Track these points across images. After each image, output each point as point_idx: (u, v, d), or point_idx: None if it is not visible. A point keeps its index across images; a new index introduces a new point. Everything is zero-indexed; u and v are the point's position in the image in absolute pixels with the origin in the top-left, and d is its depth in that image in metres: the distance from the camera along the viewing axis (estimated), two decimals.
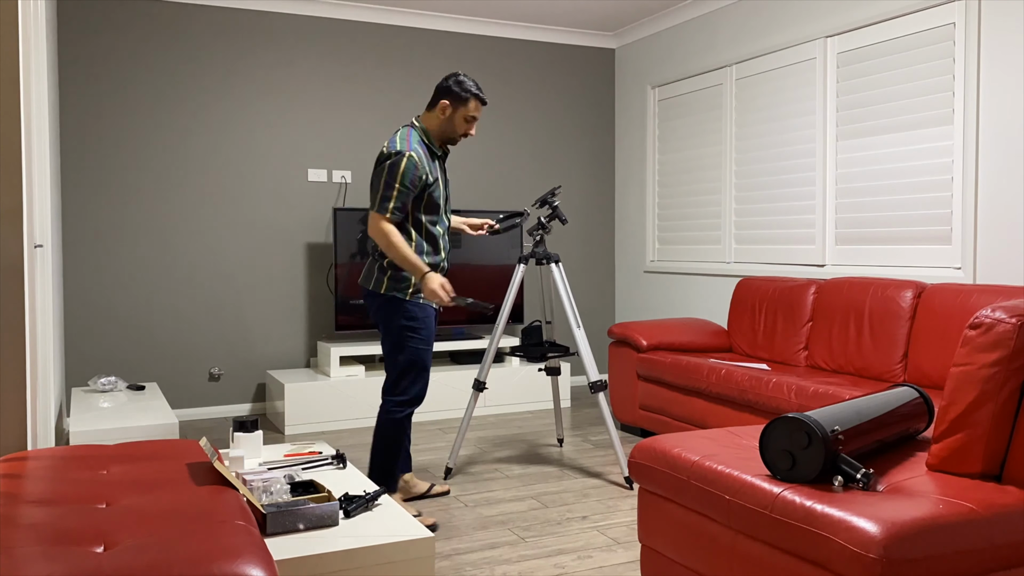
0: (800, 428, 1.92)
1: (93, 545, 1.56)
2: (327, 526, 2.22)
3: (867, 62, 4.16)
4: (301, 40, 5.26)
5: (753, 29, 4.88)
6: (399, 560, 2.15)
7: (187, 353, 5.04)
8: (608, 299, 6.28)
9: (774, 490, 1.89)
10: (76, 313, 4.79)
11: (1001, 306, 1.98)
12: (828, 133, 4.38)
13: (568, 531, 3.06)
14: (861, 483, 1.88)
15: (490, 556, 2.82)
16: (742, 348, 4.48)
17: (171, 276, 4.99)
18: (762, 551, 1.92)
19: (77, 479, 2.00)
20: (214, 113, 5.06)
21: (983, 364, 1.95)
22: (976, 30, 3.62)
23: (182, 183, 5.00)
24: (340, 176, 5.37)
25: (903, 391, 2.36)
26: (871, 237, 4.16)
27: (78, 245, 4.79)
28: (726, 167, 5.12)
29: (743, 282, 4.58)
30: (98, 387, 4.28)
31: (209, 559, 1.47)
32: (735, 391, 3.79)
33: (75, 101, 4.76)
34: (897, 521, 1.67)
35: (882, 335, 3.68)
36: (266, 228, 5.21)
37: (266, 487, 2.31)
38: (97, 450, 2.31)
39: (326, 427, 4.78)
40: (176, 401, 5.03)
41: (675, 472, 2.19)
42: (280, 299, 5.26)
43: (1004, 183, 3.53)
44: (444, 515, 3.25)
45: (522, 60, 5.90)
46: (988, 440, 1.95)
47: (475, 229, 3.56)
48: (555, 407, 4.24)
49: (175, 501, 1.82)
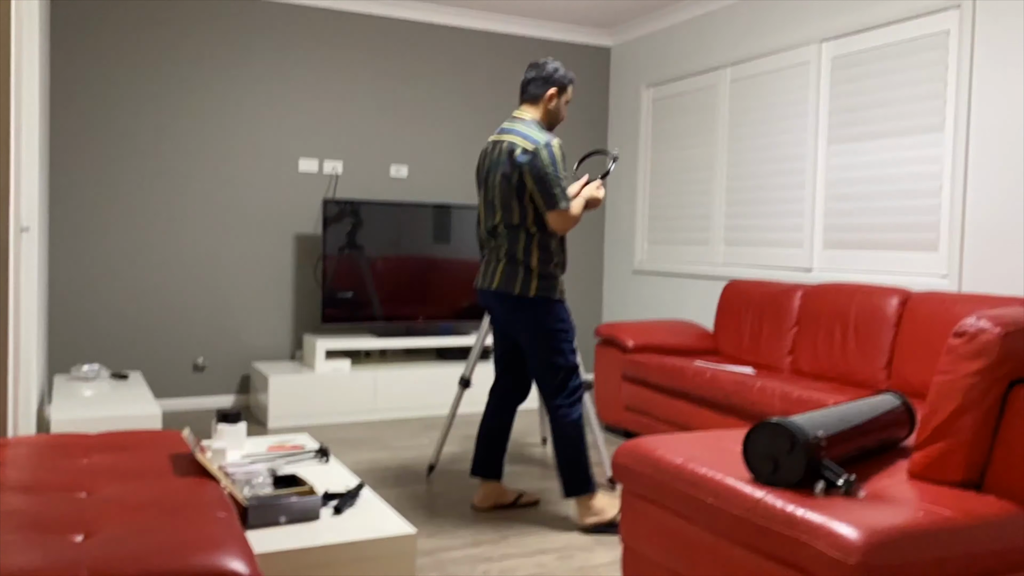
0: (783, 433, 1.92)
1: (72, 534, 1.54)
2: (309, 520, 2.21)
3: (861, 67, 4.18)
4: (296, 28, 5.23)
5: (749, 31, 4.89)
6: (380, 556, 2.15)
7: (172, 343, 5.01)
8: (596, 299, 6.29)
9: (756, 494, 1.90)
10: (60, 299, 4.76)
11: (985, 315, 1.99)
12: (820, 137, 4.40)
13: (550, 530, 3.07)
14: (843, 489, 1.89)
15: (472, 554, 2.82)
16: (728, 351, 4.50)
17: (157, 264, 4.96)
18: (743, 554, 1.93)
19: (58, 467, 1.99)
20: (205, 100, 5.03)
21: (966, 373, 1.96)
22: (970, 39, 3.64)
23: (171, 170, 4.97)
24: (331, 167, 5.35)
25: (886, 398, 2.37)
26: (859, 243, 4.18)
27: (64, 230, 4.75)
28: (718, 169, 5.13)
29: (731, 285, 4.59)
30: (81, 375, 4.25)
31: (189, 550, 1.46)
32: (720, 394, 3.80)
33: (65, 84, 4.72)
34: (877, 528, 1.68)
35: (867, 341, 3.69)
36: (255, 218, 5.18)
37: (248, 480, 2.30)
38: (78, 439, 2.29)
39: (310, 421, 4.76)
40: (159, 391, 5.00)
41: (658, 474, 2.20)
42: (267, 290, 5.23)
43: (993, 193, 3.55)
44: (427, 512, 3.25)
45: (517, 55, 5.89)
46: (969, 449, 1.97)
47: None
48: (540, 406, 4.24)
49: (156, 492, 1.81)
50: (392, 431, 4.61)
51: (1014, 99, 3.47)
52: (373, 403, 4.91)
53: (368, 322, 5.13)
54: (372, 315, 5.15)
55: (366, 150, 5.46)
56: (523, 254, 3.03)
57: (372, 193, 5.47)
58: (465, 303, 5.40)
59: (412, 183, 5.60)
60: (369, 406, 4.90)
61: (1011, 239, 3.48)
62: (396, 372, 4.96)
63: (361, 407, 4.88)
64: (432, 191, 5.66)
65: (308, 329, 5.35)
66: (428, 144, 5.64)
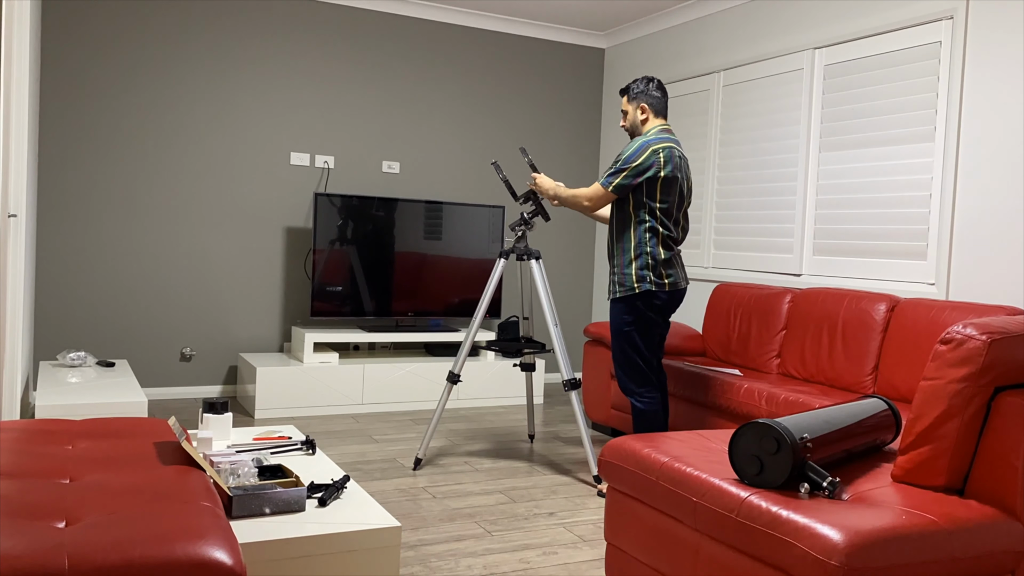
0: (769, 434, 1.93)
1: (55, 520, 1.54)
2: (294, 511, 2.21)
3: (853, 75, 4.20)
4: (289, 21, 5.21)
5: (742, 37, 4.91)
6: (364, 548, 2.15)
7: (159, 332, 4.99)
8: (586, 298, 6.29)
9: (741, 494, 1.91)
10: (48, 285, 4.73)
11: (972, 323, 2.01)
12: (811, 144, 4.41)
13: (535, 527, 3.07)
14: (827, 491, 1.90)
15: (456, 548, 2.82)
16: (716, 353, 4.51)
17: (146, 253, 4.94)
18: (726, 554, 1.94)
19: (41, 453, 1.98)
20: (196, 91, 5.01)
21: (952, 379, 1.98)
22: (961, 50, 3.66)
23: (162, 159, 4.95)
24: (323, 161, 5.33)
25: (872, 402, 2.39)
26: (848, 249, 4.20)
27: (53, 217, 4.72)
28: (709, 172, 5.14)
29: (720, 288, 4.61)
30: (67, 362, 4.22)
31: (172, 539, 1.46)
32: (707, 395, 3.82)
33: (56, 74, 4.69)
34: (860, 530, 1.69)
35: (854, 346, 3.71)
36: (245, 210, 5.16)
37: (233, 470, 2.29)
38: (63, 424, 2.28)
39: (297, 413, 4.75)
40: (146, 380, 4.98)
41: (644, 472, 2.20)
42: (256, 282, 5.22)
43: (981, 202, 3.58)
44: (411, 505, 3.25)
45: (511, 55, 5.89)
46: (953, 454, 1.98)
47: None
48: (528, 403, 4.24)
49: (140, 479, 1.80)
50: (379, 424, 4.60)
51: (1005, 110, 3.50)
52: (360, 396, 4.90)
53: (357, 316, 5.12)
54: (361, 310, 5.14)
55: (358, 145, 5.44)
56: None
57: (364, 188, 5.46)
58: (455, 299, 5.40)
59: (404, 179, 5.59)
60: (356, 399, 4.89)
61: (999, 248, 3.50)
62: (384, 366, 4.96)
63: (348, 400, 4.87)
64: (424, 187, 5.65)
65: (297, 322, 5.33)
66: (420, 140, 5.63)
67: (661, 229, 3.34)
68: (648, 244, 3.33)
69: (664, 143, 3.35)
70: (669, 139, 3.39)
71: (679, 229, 3.45)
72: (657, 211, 3.33)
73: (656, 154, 3.31)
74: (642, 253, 3.34)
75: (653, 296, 3.34)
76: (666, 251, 3.35)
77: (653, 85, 3.49)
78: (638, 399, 3.42)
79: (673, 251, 3.39)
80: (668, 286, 3.35)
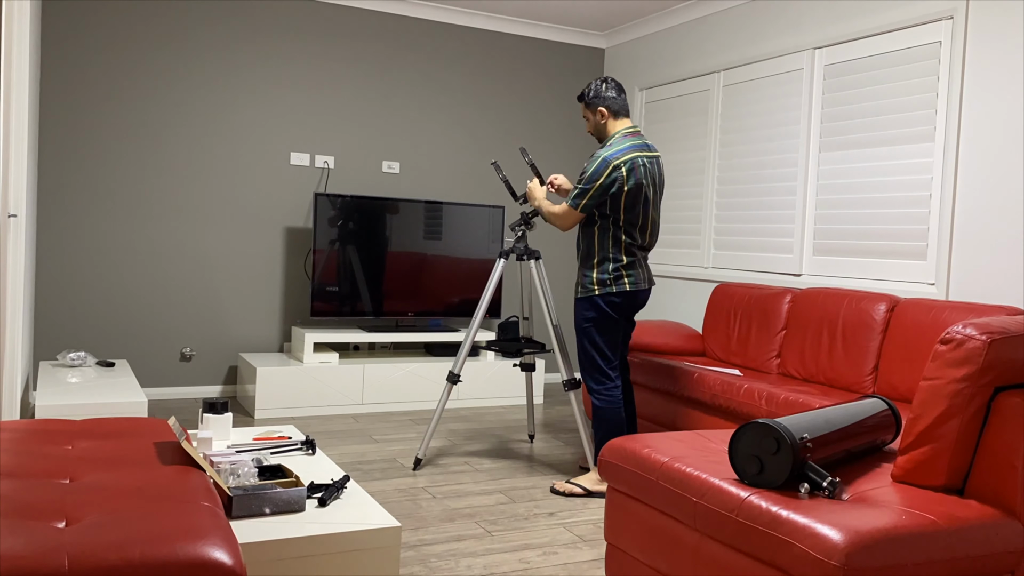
0: (769, 434, 1.93)
1: (55, 520, 1.54)
2: (293, 511, 2.21)
3: (853, 76, 4.20)
4: (290, 21, 5.21)
5: (743, 37, 4.91)
6: (365, 548, 2.15)
7: (159, 332, 4.99)
8: None
9: (741, 494, 1.91)
10: (48, 285, 4.73)
11: (972, 323, 2.01)
12: (811, 144, 4.41)
13: (535, 527, 3.07)
14: (827, 491, 1.90)
15: (456, 548, 2.82)
16: (716, 353, 4.51)
17: (146, 253, 4.94)
18: (726, 554, 1.94)
19: (41, 453, 1.98)
20: (196, 92, 5.01)
21: (952, 379, 1.98)
22: (961, 50, 3.66)
23: (162, 160, 4.95)
24: (323, 161, 5.33)
25: (872, 402, 2.39)
26: (848, 249, 4.20)
27: (53, 217, 4.72)
28: (709, 172, 5.14)
29: (720, 288, 4.61)
30: (67, 362, 4.22)
31: (172, 539, 1.46)
32: (707, 395, 3.81)
33: (56, 74, 4.69)
34: (860, 530, 1.69)
35: (854, 346, 3.71)
36: (245, 210, 5.16)
37: (233, 470, 2.29)
38: (63, 425, 2.28)
39: (297, 413, 4.75)
40: (146, 380, 4.98)
41: (644, 472, 2.20)
42: (256, 282, 5.22)
43: (981, 202, 3.58)
44: (411, 505, 3.25)
45: (511, 55, 5.89)
46: (953, 454, 1.98)
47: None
48: (528, 403, 4.24)
49: (140, 479, 1.80)
50: (379, 424, 4.60)
51: (1005, 110, 3.50)
52: (360, 396, 4.90)
53: (357, 316, 5.12)
54: (361, 310, 5.14)
55: (358, 145, 5.44)
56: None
57: (363, 188, 5.46)
58: (455, 299, 5.40)
59: (404, 179, 5.59)
60: (356, 399, 4.89)
61: (998, 248, 3.51)
62: (384, 366, 4.96)
63: (348, 400, 4.87)
64: (424, 187, 5.65)
65: (297, 322, 5.33)
66: (420, 140, 5.63)
67: (624, 237, 3.41)
68: (611, 250, 3.42)
69: (626, 155, 3.36)
70: (631, 147, 3.39)
71: (646, 235, 3.48)
72: (621, 221, 3.40)
73: (618, 169, 3.34)
74: (604, 258, 3.42)
75: (613, 296, 3.42)
76: (628, 256, 3.43)
77: (607, 86, 3.47)
78: (596, 396, 3.48)
79: (636, 256, 3.46)
80: (628, 286, 3.42)
